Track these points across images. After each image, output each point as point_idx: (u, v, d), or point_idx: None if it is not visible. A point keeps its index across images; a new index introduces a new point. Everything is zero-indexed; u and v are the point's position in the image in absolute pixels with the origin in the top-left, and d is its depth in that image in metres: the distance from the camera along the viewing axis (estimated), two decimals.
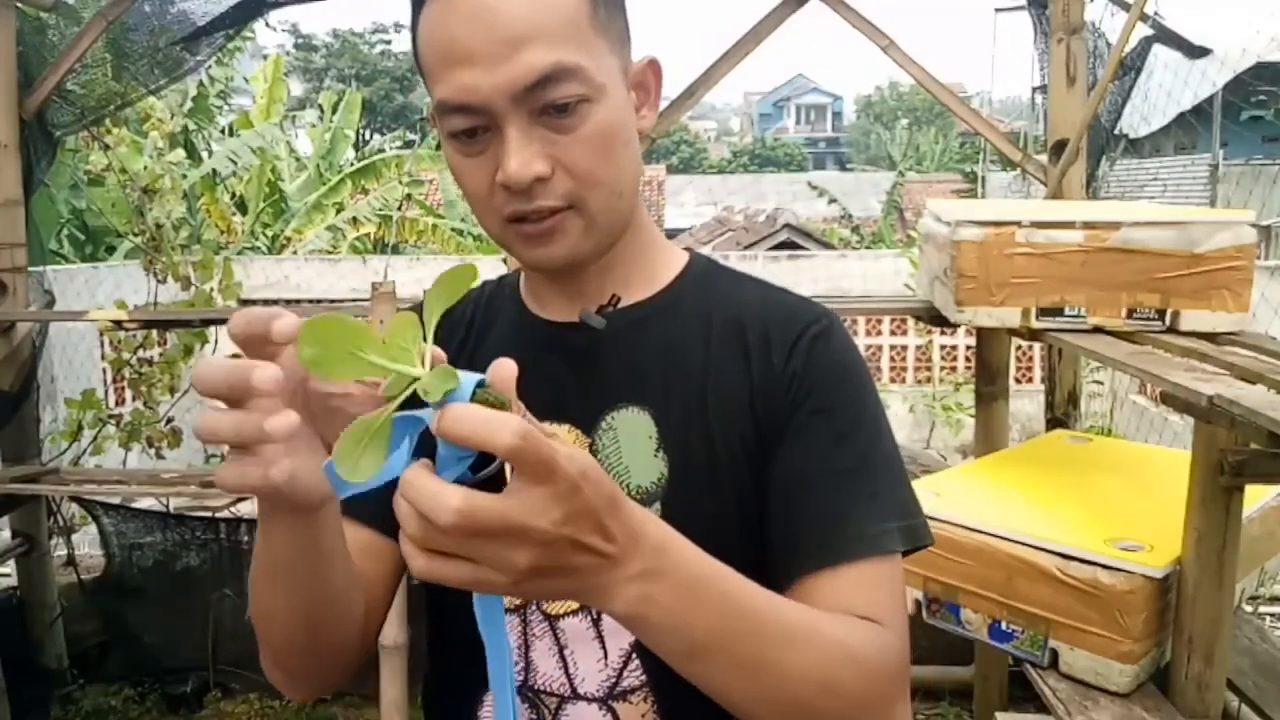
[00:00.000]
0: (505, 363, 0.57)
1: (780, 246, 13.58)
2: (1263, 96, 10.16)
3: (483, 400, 0.55)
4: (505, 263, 3.03)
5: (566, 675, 0.83)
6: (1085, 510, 1.92)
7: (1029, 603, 1.80)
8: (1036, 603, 1.79)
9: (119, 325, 3.28)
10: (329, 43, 33.77)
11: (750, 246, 13.46)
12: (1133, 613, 1.68)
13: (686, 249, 0.93)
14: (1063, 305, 2.17)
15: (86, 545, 3.90)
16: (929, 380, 9.68)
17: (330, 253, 11.03)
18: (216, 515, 3.88)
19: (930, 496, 1.99)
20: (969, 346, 8.93)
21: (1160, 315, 2.12)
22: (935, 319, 2.58)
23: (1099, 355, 2.02)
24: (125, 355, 4.35)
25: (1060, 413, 3.01)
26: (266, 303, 8.69)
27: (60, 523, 3.65)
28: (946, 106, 3.29)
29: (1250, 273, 2.07)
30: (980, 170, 15.13)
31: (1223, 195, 9.47)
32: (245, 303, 7.11)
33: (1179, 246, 2.07)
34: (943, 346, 10.02)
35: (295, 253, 10.94)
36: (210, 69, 9.64)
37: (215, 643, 3.55)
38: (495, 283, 0.95)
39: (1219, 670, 1.71)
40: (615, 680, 0.82)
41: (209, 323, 3.77)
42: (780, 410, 0.80)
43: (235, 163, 10.23)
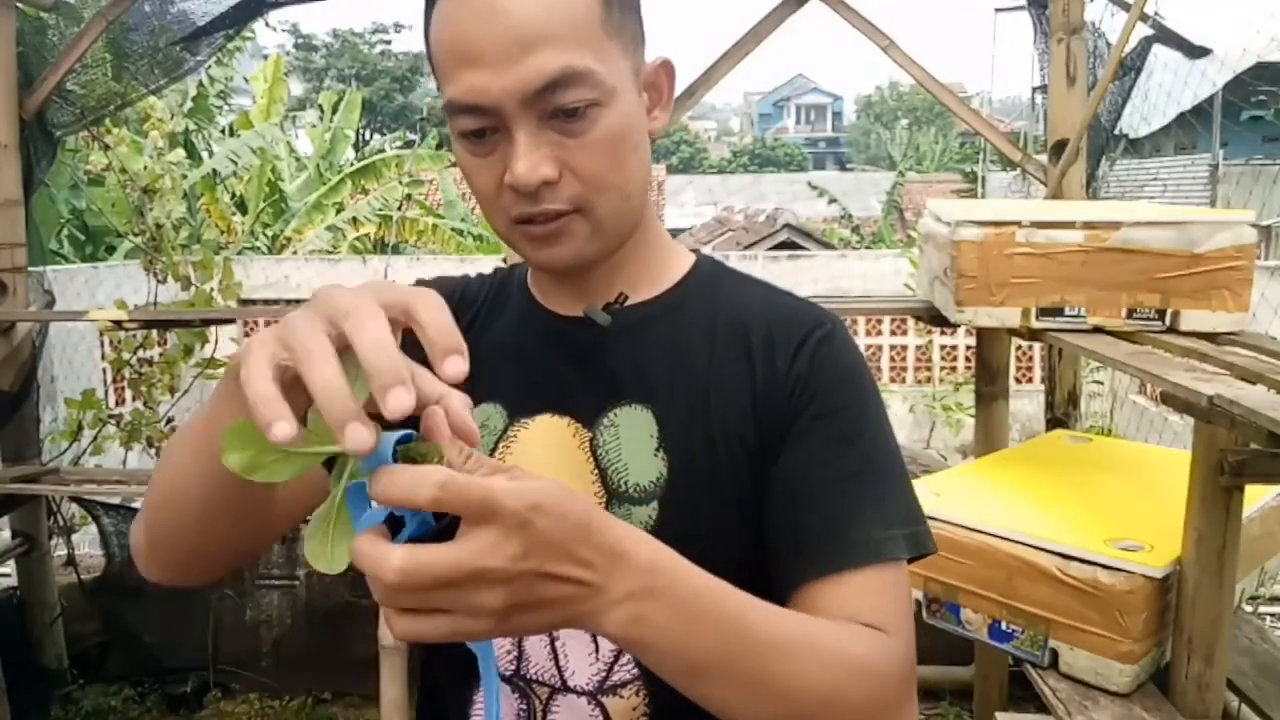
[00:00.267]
0: (452, 399, 0.55)
1: (780, 246, 13.58)
2: (1263, 96, 10.14)
3: (405, 456, 0.53)
4: (505, 263, 3.02)
5: (557, 667, 0.82)
6: (1085, 510, 1.92)
7: (1029, 603, 1.80)
8: (1036, 603, 1.79)
9: (119, 325, 3.28)
10: (329, 43, 33.72)
11: (750, 246, 13.46)
12: (1133, 613, 1.68)
13: (693, 250, 0.93)
14: (1063, 305, 2.17)
15: (86, 545, 3.91)
16: (929, 380, 9.66)
17: (330, 253, 11.03)
18: None
19: (930, 496, 1.99)
20: (969, 346, 8.93)
21: (1160, 315, 2.12)
22: (935, 319, 2.58)
23: (1099, 355, 2.01)
24: (125, 355, 4.35)
25: (1060, 413, 3.01)
26: (267, 303, 8.69)
27: (60, 523, 3.65)
28: (946, 106, 3.29)
29: (1250, 273, 2.07)
30: (980, 170, 15.13)
31: (1223, 195, 9.47)
32: (245, 303, 7.12)
33: (1179, 246, 2.07)
34: (943, 346, 10.02)
35: (295, 253, 10.94)
36: (210, 69, 9.64)
37: (215, 643, 3.56)
38: (508, 270, 0.95)
39: (1219, 670, 1.71)
40: (606, 675, 0.81)
41: (209, 323, 3.77)
42: (783, 414, 0.80)
43: (235, 163, 10.22)
